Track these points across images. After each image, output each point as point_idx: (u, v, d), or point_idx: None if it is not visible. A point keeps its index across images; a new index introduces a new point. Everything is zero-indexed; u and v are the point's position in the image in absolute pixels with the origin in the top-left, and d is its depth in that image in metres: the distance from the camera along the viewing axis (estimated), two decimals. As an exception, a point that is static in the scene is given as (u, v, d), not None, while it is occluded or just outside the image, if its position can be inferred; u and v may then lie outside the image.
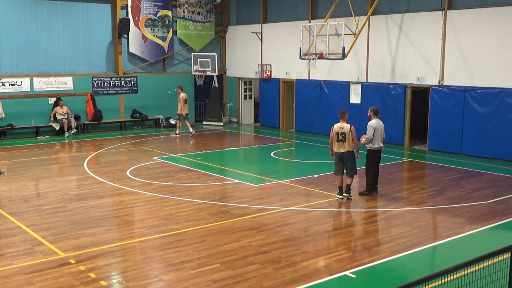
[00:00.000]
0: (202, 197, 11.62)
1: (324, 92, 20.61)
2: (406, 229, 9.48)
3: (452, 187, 12.63)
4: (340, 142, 11.21)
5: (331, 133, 11.34)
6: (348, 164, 11.29)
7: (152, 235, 9.14)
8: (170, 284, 7.20)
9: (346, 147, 11.19)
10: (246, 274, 7.45)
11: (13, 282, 7.18)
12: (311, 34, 17.81)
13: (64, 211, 10.55)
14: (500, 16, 15.54)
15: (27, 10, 20.08)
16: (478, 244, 9.00)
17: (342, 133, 11.15)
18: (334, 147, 11.34)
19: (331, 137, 11.35)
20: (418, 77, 17.72)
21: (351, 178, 11.44)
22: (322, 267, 7.84)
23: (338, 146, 11.26)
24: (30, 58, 20.33)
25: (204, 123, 24.29)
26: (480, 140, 16.20)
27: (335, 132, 11.24)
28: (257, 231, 9.35)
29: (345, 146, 11.19)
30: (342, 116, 11.34)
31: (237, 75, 24.92)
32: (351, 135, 11.13)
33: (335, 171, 11.52)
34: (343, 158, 11.28)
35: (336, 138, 11.24)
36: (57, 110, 20.32)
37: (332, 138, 11.32)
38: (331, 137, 11.36)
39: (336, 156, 11.37)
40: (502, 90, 15.58)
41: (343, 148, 11.22)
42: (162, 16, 23.20)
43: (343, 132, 11.15)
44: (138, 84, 22.88)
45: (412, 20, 17.74)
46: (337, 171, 11.47)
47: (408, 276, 7.39)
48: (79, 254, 8.17)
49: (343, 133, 11.15)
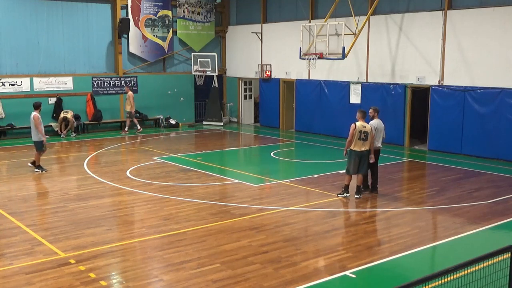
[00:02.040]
0: (202, 197, 11.62)
1: (324, 92, 20.61)
2: (406, 229, 9.48)
3: (452, 187, 12.63)
4: (361, 141, 11.29)
5: (352, 131, 11.25)
6: (364, 163, 11.39)
7: (152, 235, 9.13)
8: (170, 284, 7.20)
9: (367, 146, 11.32)
10: (246, 274, 7.45)
11: (13, 282, 7.18)
12: (311, 34, 17.81)
13: (64, 211, 10.55)
14: (500, 16, 15.54)
15: (27, 10, 20.08)
16: (478, 244, 9.00)
17: (365, 132, 11.26)
18: (355, 145, 11.31)
19: (352, 135, 11.27)
20: (418, 77, 17.72)
21: (362, 177, 11.51)
22: (322, 267, 7.84)
23: (360, 144, 11.30)
24: (30, 58, 20.33)
25: (204, 123, 24.29)
26: (480, 140, 16.20)
27: (358, 130, 11.25)
28: (257, 231, 9.35)
29: (366, 145, 11.32)
30: (364, 115, 11.46)
31: (237, 75, 24.92)
32: (371, 134, 11.27)
33: (351, 169, 11.43)
34: (362, 157, 11.34)
35: (359, 136, 11.25)
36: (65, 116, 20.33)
37: (353, 136, 11.27)
38: (351, 135, 11.27)
39: (356, 154, 11.34)
40: (502, 90, 15.58)
41: (364, 147, 11.30)
42: (162, 16, 23.20)
43: (366, 131, 11.27)
44: (138, 84, 22.88)
45: (412, 20, 17.74)
46: (353, 169, 11.43)
47: (408, 276, 7.38)
48: (79, 254, 8.17)
49: (366, 132, 11.27)
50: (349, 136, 11.30)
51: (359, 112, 11.64)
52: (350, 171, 11.46)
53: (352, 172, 11.46)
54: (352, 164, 11.39)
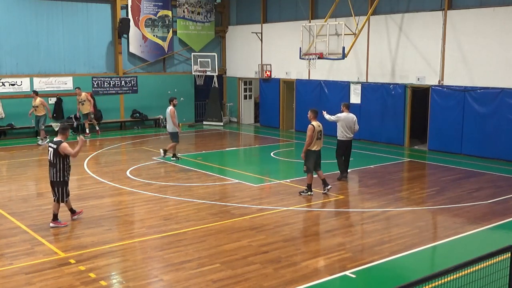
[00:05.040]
0: (202, 197, 11.62)
1: (324, 92, 20.61)
2: (406, 229, 9.48)
3: (452, 187, 12.63)
4: (319, 140, 11.67)
5: (312, 133, 11.49)
6: (320, 159, 11.82)
7: (152, 235, 9.14)
8: (170, 284, 7.20)
9: (321, 143, 11.81)
10: (246, 274, 7.45)
11: (13, 282, 7.18)
12: (311, 34, 17.81)
13: (64, 211, 10.53)
14: (500, 16, 15.54)
15: (27, 10, 20.08)
16: (478, 244, 9.00)
17: (320, 131, 11.74)
18: (314, 145, 11.61)
19: (312, 137, 11.50)
20: (418, 77, 17.72)
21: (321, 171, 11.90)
22: (322, 267, 7.84)
23: (318, 144, 11.67)
24: (30, 58, 20.33)
25: (204, 123, 24.29)
26: (480, 140, 16.20)
27: (317, 131, 11.58)
28: (257, 231, 9.35)
29: (321, 143, 11.78)
30: (316, 115, 11.84)
31: (237, 75, 24.93)
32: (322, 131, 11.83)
33: (313, 168, 11.69)
34: (319, 155, 11.77)
35: (317, 136, 11.59)
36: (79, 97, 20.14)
37: (313, 137, 11.51)
38: (311, 137, 11.50)
39: (316, 154, 11.69)
40: (502, 90, 15.58)
41: (320, 145, 11.76)
42: (162, 16, 23.20)
43: (321, 130, 11.75)
44: (138, 84, 22.88)
45: (412, 20, 17.74)
46: (315, 168, 11.73)
47: (408, 276, 7.38)
48: (79, 254, 8.17)
49: (321, 131, 11.77)
50: (309, 138, 11.54)
51: (312, 112, 11.92)
52: (310, 170, 11.69)
53: (314, 170, 11.71)
54: (312, 163, 11.65)
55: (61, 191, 9.51)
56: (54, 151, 9.38)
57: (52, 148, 9.43)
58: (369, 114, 19.10)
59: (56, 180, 9.46)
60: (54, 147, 9.38)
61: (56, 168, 9.39)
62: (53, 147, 9.40)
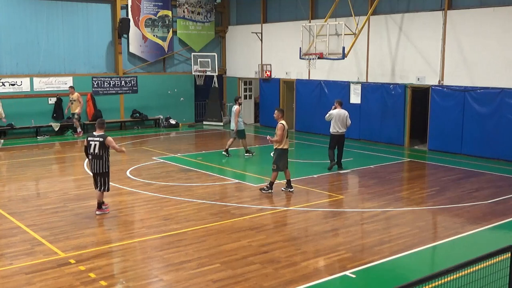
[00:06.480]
0: (202, 197, 11.62)
1: (324, 92, 20.61)
2: (406, 229, 9.48)
3: (452, 187, 12.63)
4: (287, 139, 11.87)
5: (282, 131, 11.62)
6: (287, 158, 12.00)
7: (152, 235, 9.14)
8: (170, 284, 7.20)
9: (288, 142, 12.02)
10: (246, 274, 7.45)
11: (13, 282, 7.18)
12: (311, 34, 17.81)
13: (64, 211, 10.55)
14: (500, 16, 15.54)
15: (27, 10, 20.08)
16: (478, 244, 9.00)
17: (287, 129, 11.88)
18: (285, 144, 11.79)
19: (283, 136, 11.63)
20: (418, 77, 17.72)
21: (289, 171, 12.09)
22: (322, 267, 7.84)
23: (287, 142, 11.87)
24: (30, 58, 20.33)
25: (204, 123, 24.29)
26: (480, 140, 16.19)
27: (287, 129, 11.77)
28: (257, 231, 9.35)
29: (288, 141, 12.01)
30: (283, 114, 12.02)
31: (237, 75, 24.92)
32: None
33: (281, 166, 11.83)
34: (288, 153, 11.98)
35: (286, 135, 11.77)
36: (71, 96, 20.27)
37: (283, 136, 11.66)
38: (282, 136, 11.62)
39: (286, 152, 11.85)
40: (502, 90, 15.57)
41: (288, 144, 11.98)
42: (162, 16, 23.20)
43: (287, 129, 11.91)
44: (138, 84, 22.88)
45: (412, 20, 17.74)
46: (283, 166, 11.87)
47: (408, 276, 7.38)
48: (79, 254, 8.17)
49: (287, 129, 11.90)
50: (279, 137, 11.63)
51: (279, 112, 12.04)
52: (280, 168, 11.83)
53: (282, 169, 11.85)
54: (282, 161, 11.80)
55: (107, 181, 10.22)
56: (100, 144, 10.02)
57: (97, 142, 10.02)
58: (369, 114, 19.10)
59: (102, 171, 10.13)
60: (101, 140, 10.00)
61: (102, 160, 10.09)
62: (100, 140, 10.02)
